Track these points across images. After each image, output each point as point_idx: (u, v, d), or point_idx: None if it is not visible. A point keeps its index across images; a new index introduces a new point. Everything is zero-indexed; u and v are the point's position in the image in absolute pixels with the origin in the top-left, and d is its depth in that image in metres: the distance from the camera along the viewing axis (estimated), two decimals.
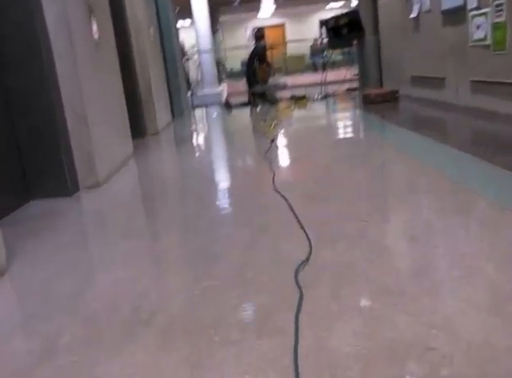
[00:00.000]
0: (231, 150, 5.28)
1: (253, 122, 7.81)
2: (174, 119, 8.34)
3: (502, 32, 4.65)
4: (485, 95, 5.17)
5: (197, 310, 1.74)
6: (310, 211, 2.70)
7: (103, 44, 4.32)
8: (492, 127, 4.67)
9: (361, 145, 4.49)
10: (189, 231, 2.62)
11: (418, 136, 4.44)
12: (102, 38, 4.31)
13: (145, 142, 6.09)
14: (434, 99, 6.52)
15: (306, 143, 4.82)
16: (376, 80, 8.86)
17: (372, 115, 6.32)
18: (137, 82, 6.30)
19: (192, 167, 4.41)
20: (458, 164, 3.43)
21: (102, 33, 4.35)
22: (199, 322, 1.65)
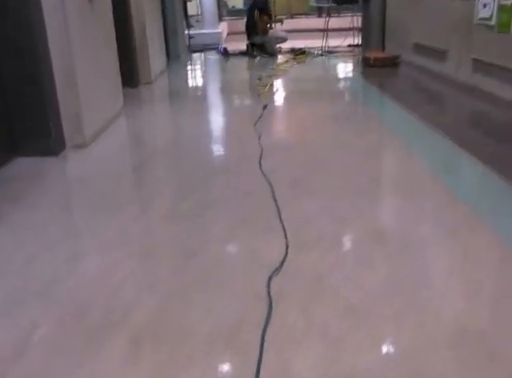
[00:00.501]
0: (223, 113, 5.18)
1: (249, 76, 7.70)
2: (169, 64, 8.17)
3: (507, 15, 4.54)
4: (484, 76, 5.10)
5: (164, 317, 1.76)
6: (293, 203, 2.70)
7: (97, 2, 4.18)
8: (486, 111, 4.64)
9: (352, 122, 4.44)
10: (166, 217, 2.62)
11: (409, 117, 4.39)
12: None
13: (137, 93, 5.99)
14: (435, 71, 6.43)
15: (297, 114, 4.76)
16: (379, 41, 8.69)
17: (369, 83, 6.24)
18: (131, 28, 6.13)
19: (180, 131, 4.37)
20: (446, 158, 3.42)
21: None
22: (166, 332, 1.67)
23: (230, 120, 4.69)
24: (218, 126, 4.52)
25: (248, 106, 5.16)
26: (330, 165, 3.31)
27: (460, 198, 2.68)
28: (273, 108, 4.95)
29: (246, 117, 4.61)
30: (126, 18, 5.99)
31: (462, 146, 3.49)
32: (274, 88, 6.05)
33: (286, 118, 4.60)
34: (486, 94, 5.00)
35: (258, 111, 4.73)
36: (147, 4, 6.46)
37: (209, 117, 4.92)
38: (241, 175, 3.17)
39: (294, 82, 6.76)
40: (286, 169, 3.25)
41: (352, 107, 4.95)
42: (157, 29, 7.20)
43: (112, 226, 2.47)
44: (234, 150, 3.72)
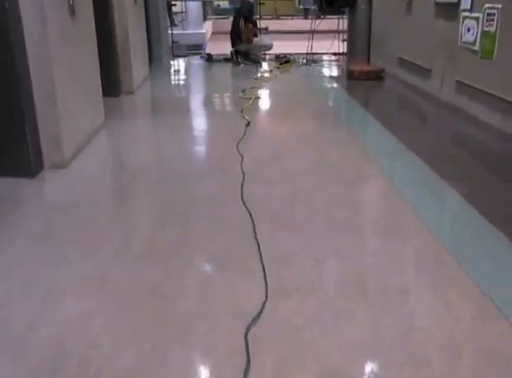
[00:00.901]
0: (205, 129, 5.12)
1: (233, 86, 7.65)
2: (151, 69, 8.09)
3: (490, 42, 4.55)
4: (467, 98, 5.12)
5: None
6: (274, 239, 2.67)
7: (79, 12, 4.10)
8: (468, 135, 4.66)
9: (336, 146, 4.42)
10: (145, 255, 2.58)
11: (393, 142, 4.39)
12: (79, 6, 4.10)
13: (118, 103, 5.91)
14: (419, 87, 6.44)
15: (280, 135, 4.69)
16: (364, 52, 8.69)
17: (353, 98, 6.24)
18: (114, 36, 6.04)
19: (161, 151, 4.31)
20: (429, 192, 3.41)
21: (79, 2, 4.13)
22: None
23: (212, 138, 4.65)
24: (200, 146, 4.46)
25: (231, 122, 5.11)
26: (312, 195, 3.29)
27: (441, 239, 2.67)
28: (256, 125, 4.92)
29: (229, 135, 4.56)
30: (108, 26, 5.90)
31: (444, 178, 3.49)
32: (258, 101, 6.01)
33: (268, 139, 4.56)
34: (469, 117, 5.02)
35: (241, 129, 4.70)
36: (131, 11, 6.38)
37: (191, 134, 4.85)
38: (222, 205, 3.13)
39: (278, 95, 6.73)
40: (267, 199, 3.22)
41: (336, 129, 4.91)
42: (140, 35, 7.12)
43: (89, 265, 2.42)
44: (217, 175, 3.68)
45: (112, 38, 6.00)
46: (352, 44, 8.86)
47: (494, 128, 4.57)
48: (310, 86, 7.10)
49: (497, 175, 3.75)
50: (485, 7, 4.66)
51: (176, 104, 6.02)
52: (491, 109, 4.64)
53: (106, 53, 5.77)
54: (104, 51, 5.64)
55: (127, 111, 5.71)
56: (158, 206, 3.14)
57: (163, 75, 8.20)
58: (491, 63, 4.56)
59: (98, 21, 5.20)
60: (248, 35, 8.79)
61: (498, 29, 4.43)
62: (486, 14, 4.64)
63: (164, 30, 9.69)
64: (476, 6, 4.85)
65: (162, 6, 9.65)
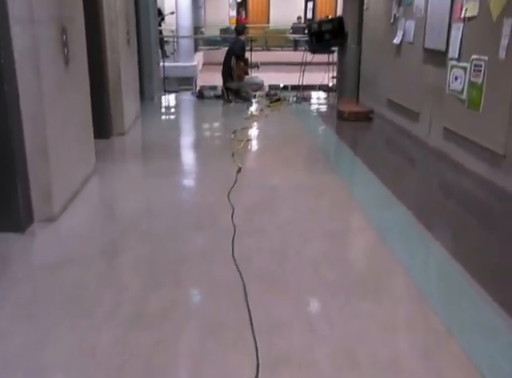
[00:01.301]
0: (196, 176, 5.10)
1: (224, 126, 7.70)
2: (142, 107, 8.12)
3: (477, 93, 4.63)
4: (455, 145, 5.18)
5: None
6: (265, 302, 2.67)
7: (73, 60, 4.14)
8: (455, 184, 4.71)
9: (324, 195, 4.44)
10: (134, 321, 2.57)
11: (381, 190, 4.43)
12: (73, 54, 4.14)
13: (109, 146, 5.93)
14: (407, 130, 6.52)
15: (270, 182, 4.67)
16: (353, 92, 8.81)
17: (342, 141, 6.30)
18: (106, 78, 6.09)
19: (151, 200, 4.31)
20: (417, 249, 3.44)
21: (74, 48, 4.17)
22: None
23: (203, 186, 4.65)
24: (190, 195, 4.45)
25: (222, 167, 5.13)
26: (302, 250, 3.31)
27: (430, 301, 2.69)
28: (247, 172, 4.94)
29: (221, 182, 4.59)
30: (101, 69, 5.94)
31: (431, 232, 3.54)
32: (249, 144, 6.05)
33: (259, 186, 4.57)
34: (456, 164, 5.08)
35: (232, 175, 4.73)
36: (124, 52, 6.43)
37: (182, 181, 4.85)
38: (212, 264, 3.14)
39: (268, 137, 6.77)
40: (257, 254, 3.24)
41: (325, 175, 4.92)
42: (132, 75, 7.17)
43: (77, 334, 2.41)
44: (208, 228, 3.68)
45: (104, 81, 6.04)
46: (342, 83, 8.98)
47: (481, 177, 4.63)
48: (300, 127, 7.16)
49: (483, 227, 3.80)
50: (472, 58, 4.74)
51: (167, 147, 6.03)
52: (478, 158, 4.70)
53: (97, 95, 5.81)
54: (96, 94, 5.67)
55: (118, 155, 5.72)
56: (148, 265, 3.13)
57: (154, 114, 8.23)
58: (478, 114, 4.63)
59: (90, 63, 5.23)
60: (239, 73, 8.88)
61: (485, 81, 4.51)
62: (473, 64, 4.73)
63: (156, 66, 9.76)
64: (464, 56, 4.95)
65: (155, 42, 9.74)
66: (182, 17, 17.21)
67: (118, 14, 6.10)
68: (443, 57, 5.38)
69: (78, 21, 4.40)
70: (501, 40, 4.26)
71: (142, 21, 8.82)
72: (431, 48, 5.73)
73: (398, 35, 6.77)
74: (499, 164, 4.36)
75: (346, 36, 8.75)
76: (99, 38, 5.86)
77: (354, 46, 8.76)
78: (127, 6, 6.74)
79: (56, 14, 3.80)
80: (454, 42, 5.14)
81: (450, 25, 5.25)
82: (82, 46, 4.51)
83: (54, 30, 3.75)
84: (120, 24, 6.24)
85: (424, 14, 5.90)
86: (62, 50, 3.92)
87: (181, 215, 3.90)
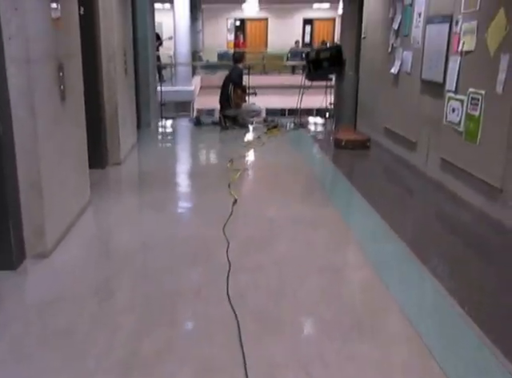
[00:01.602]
0: (192, 208, 5.04)
1: (221, 154, 7.68)
2: (139, 135, 8.12)
3: (475, 125, 4.63)
4: (452, 177, 5.16)
5: None
6: (259, 345, 2.63)
7: (70, 95, 4.14)
8: (453, 216, 4.67)
9: (321, 229, 4.38)
10: (128, 364, 2.52)
11: (378, 224, 4.40)
12: (70, 90, 4.14)
13: (105, 176, 5.91)
14: (405, 159, 6.51)
15: (266, 215, 4.62)
16: (350, 119, 8.82)
17: (339, 171, 6.27)
18: (103, 109, 6.09)
19: (146, 234, 4.26)
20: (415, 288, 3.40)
21: (71, 84, 4.17)
22: None
23: (199, 219, 4.60)
24: (186, 229, 4.38)
25: (218, 199, 5.09)
26: (298, 288, 3.27)
27: (427, 343, 2.64)
28: (243, 203, 4.91)
29: (216, 215, 4.56)
30: (97, 100, 5.95)
31: (428, 267, 3.52)
32: (245, 174, 6.03)
33: (254, 219, 4.52)
34: (453, 196, 5.06)
35: (227, 207, 4.71)
36: (121, 82, 6.44)
37: (177, 214, 4.79)
38: (207, 303, 3.10)
39: (265, 167, 6.74)
40: (253, 292, 3.20)
41: (321, 207, 4.86)
42: (129, 104, 7.17)
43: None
44: (203, 264, 3.63)
45: (101, 113, 6.04)
46: (339, 110, 9.00)
47: (478, 210, 4.60)
48: (297, 156, 7.13)
49: (480, 262, 3.77)
50: (469, 91, 4.75)
51: (162, 177, 6.00)
52: (475, 190, 4.68)
53: (94, 127, 5.83)
54: (92, 125, 5.70)
55: (113, 186, 5.69)
56: (142, 304, 3.08)
57: (151, 141, 8.20)
58: (475, 146, 4.62)
59: (87, 97, 5.25)
60: (237, 101, 8.90)
61: (482, 114, 4.50)
62: (470, 97, 4.73)
63: (153, 93, 9.78)
64: (461, 89, 4.95)
65: (152, 69, 9.77)
66: (180, 42, 17.33)
67: (115, 49, 6.11)
68: (440, 88, 5.39)
69: (76, 57, 4.41)
70: (498, 75, 4.26)
71: (140, 48, 8.86)
72: (428, 79, 5.74)
73: (395, 65, 6.79)
74: (496, 197, 4.33)
75: (343, 64, 8.78)
76: (97, 73, 5.88)
77: (352, 74, 8.80)
78: (125, 38, 6.77)
79: (53, 53, 3.80)
80: (451, 74, 5.16)
81: (448, 57, 5.26)
82: (78, 81, 4.51)
83: (50, 68, 3.74)
84: (117, 57, 6.25)
85: (421, 46, 5.92)
86: (59, 86, 3.91)
87: (175, 251, 3.86)
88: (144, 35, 8.90)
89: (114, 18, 6.05)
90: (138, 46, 8.65)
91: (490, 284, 3.40)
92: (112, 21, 6.00)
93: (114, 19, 6.03)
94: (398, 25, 6.71)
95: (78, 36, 4.48)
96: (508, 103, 4.15)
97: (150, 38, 9.26)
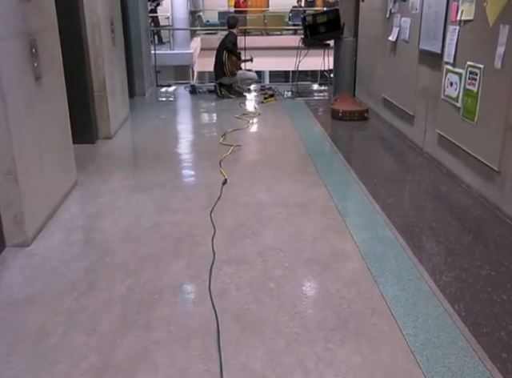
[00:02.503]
0: (180, 187, 4.84)
1: (214, 126, 7.50)
2: (133, 106, 7.94)
3: (473, 102, 4.43)
4: (449, 154, 4.99)
5: None
6: (238, 349, 2.54)
7: (46, 73, 3.95)
8: (450, 199, 4.53)
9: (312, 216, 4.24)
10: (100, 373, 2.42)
11: (371, 206, 4.27)
12: (46, 67, 3.95)
13: (93, 152, 5.77)
14: (403, 132, 6.33)
15: (256, 198, 4.45)
16: (350, 86, 8.57)
17: (335, 146, 6.09)
18: (89, 80, 5.87)
19: (131, 220, 4.14)
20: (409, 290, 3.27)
21: (46, 61, 3.98)
22: None
23: (186, 201, 4.45)
24: (172, 214, 4.14)
25: (208, 178, 4.96)
26: (282, 284, 3.15)
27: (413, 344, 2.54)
28: (233, 183, 4.77)
29: (205, 197, 4.45)
30: (83, 73, 5.75)
31: (421, 261, 3.40)
32: (237, 150, 5.86)
33: (244, 202, 4.38)
34: (451, 175, 4.91)
35: (217, 188, 4.60)
36: (108, 55, 6.21)
37: (164, 196, 4.56)
38: (187, 301, 3.01)
39: (258, 141, 6.55)
40: (236, 290, 3.09)
41: (314, 188, 4.66)
42: (119, 74, 6.92)
43: None
44: (186, 255, 3.51)
45: (87, 84, 5.85)
46: (338, 77, 8.73)
47: (476, 191, 4.45)
48: (292, 129, 6.89)
49: (474, 252, 3.61)
50: (467, 64, 4.53)
51: (152, 154, 5.84)
52: (472, 170, 4.52)
53: (80, 99, 5.69)
54: (78, 97, 5.58)
55: (101, 163, 5.50)
56: (119, 302, 2.96)
57: (144, 112, 7.98)
58: (473, 124, 4.43)
59: (72, 69, 5.15)
60: (231, 69, 8.65)
61: (481, 90, 4.30)
62: (468, 71, 4.52)
63: (147, 59, 9.53)
64: (459, 62, 4.73)
65: (145, 33, 9.49)
66: (177, 2, 16.85)
67: (100, 16, 5.87)
68: (439, 60, 5.17)
69: (51, 30, 4.19)
70: (497, 48, 4.04)
71: (130, 12, 8.59)
72: (426, 49, 5.50)
73: (393, 32, 6.54)
74: (494, 180, 4.17)
75: (341, 29, 8.48)
76: (81, 43, 5.67)
77: (350, 39, 8.51)
78: (111, 6, 6.50)
79: (21, 28, 3.58)
80: (449, 45, 4.92)
81: (446, 26, 5.01)
82: (56, 56, 4.30)
83: (19, 45, 3.53)
84: (103, 26, 6.02)
85: (419, 12, 5.66)
86: (32, 64, 3.72)
87: (160, 240, 3.73)
88: (134, 1, 8.61)
89: None
90: (128, 11, 8.39)
91: (482, 283, 3.23)
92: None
93: None
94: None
95: (52, 7, 4.22)
96: (507, 80, 3.94)
97: (141, 2, 8.95)
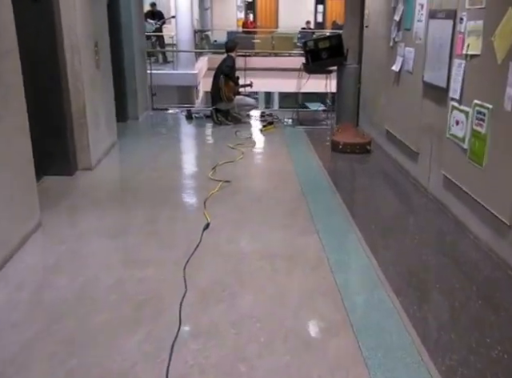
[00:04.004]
0: (156, 234, 4.30)
1: (205, 156, 7.08)
2: (123, 131, 7.54)
3: (480, 145, 3.97)
4: (455, 199, 4.52)
5: None
6: None
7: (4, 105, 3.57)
8: (456, 251, 4.04)
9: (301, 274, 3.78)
10: None
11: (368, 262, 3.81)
12: (3, 99, 3.56)
13: (69, 185, 5.35)
14: (406, 169, 5.86)
15: (239, 249, 4.04)
16: (353, 115, 8.13)
17: (334, 185, 5.62)
18: (67, 107, 5.48)
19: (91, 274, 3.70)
20: None
21: (3, 91, 3.59)
22: None
23: (159, 252, 3.99)
24: (140, 267, 3.66)
25: (188, 221, 4.52)
26: (257, 368, 2.67)
27: None
28: (215, 228, 4.33)
29: (181, 246, 4.01)
30: (59, 96, 5.37)
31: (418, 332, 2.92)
32: (226, 187, 5.42)
33: (223, 255, 3.91)
34: (457, 222, 4.45)
35: (196, 234, 4.16)
36: (90, 80, 5.81)
37: (136, 244, 4.10)
38: None
39: (250, 177, 6.02)
40: (199, 373, 2.61)
41: (305, 236, 4.21)
42: (104, 99, 6.48)
43: None
44: (146, 325, 3.02)
45: (64, 111, 5.46)
46: (340, 105, 8.29)
47: (485, 244, 3.97)
48: (289, 162, 6.40)
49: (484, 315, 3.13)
50: (474, 103, 4.08)
51: (133, 188, 5.42)
52: (481, 220, 4.04)
53: (57, 127, 5.33)
54: (55, 126, 5.29)
55: (74, 200, 5.05)
56: None
57: (134, 139, 7.55)
58: (481, 169, 3.96)
59: (48, 95, 5.13)
60: (228, 94, 8.23)
61: (489, 132, 3.84)
62: (475, 111, 4.06)
63: (142, 81, 9.14)
64: (465, 99, 4.28)
65: (140, 54, 9.11)
66: (181, 22, 16.49)
67: (80, 37, 5.47)
68: (444, 94, 4.72)
69: (10, 55, 3.78)
70: (506, 88, 3.59)
71: (124, 32, 8.23)
72: (431, 82, 5.05)
73: (397, 61, 6.10)
74: (504, 234, 3.69)
75: (345, 55, 8.06)
76: (57, 66, 5.29)
77: (353, 66, 8.09)
78: (95, 24, 6.08)
79: None
80: (454, 80, 4.48)
81: (451, 59, 4.57)
82: (16, 83, 3.90)
83: None
84: (84, 47, 5.62)
85: (424, 43, 5.22)
86: None
87: (120, 302, 3.27)
88: (128, 20, 8.25)
89: (77, 5, 5.39)
90: (121, 31, 8.03)
91: (493, 364, 2.76)
92: (74, 8, 5.34)
93: (76, 6, 5.36)
94: (400, 16, 5.99)
95: (10, 29, 3.81)
96: None
97: (135, 22, 8.58)
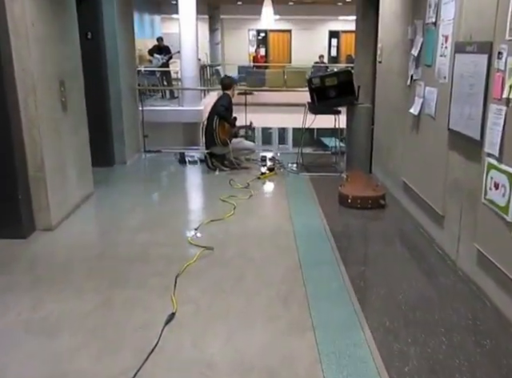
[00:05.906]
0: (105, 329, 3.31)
1: (191, 210, 6.11)
2: (106, 175, 6.67)
3: None
4: (493, 281, 3.48)
5: None
6: None
7: None
8: (495, 356, 2.98)
9: None
10: None
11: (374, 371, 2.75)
12: None
13: (16, 252, 4.43)
14: (429, 232, 4.82)
15: (212, 343, 3.10)
16: (365, 160, 7.12)
17: (338, 250, 4.59)
18: (20, 157, 4.60)
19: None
20: None
21: None
22: None
23: (99, 357, 3.00)
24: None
25: (148, 311, 3.52)
26: None
27: None
28: (180, 323, 3.33)
29: (130, 348, 3.02)
30: (10, 149, 4.51)
31: None
32: (206, 256, 4.43)
33: (182, 370, 2.90)
34: (497, 312, 3.39)
35: (155, 331, 3.20)
36: (52, 123, 4.91)
37: (71, 344, 3.12)
38: None
39: (237, 243, 4.75)
40: None
41: (295, 339, 3.15)
42: (73, 147, 5.56)
43: None
44: None
45: (15, 166, 4.60)
46: (351, 151, 7.31)
47: None
48: (288, 220, 5.37)
49: None
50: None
51: (94, 257, 4.44)
52: None
53: (5, 185, 4.44)
54: (2, 183, 4.33)
55: (13, 272, 4.12)
56: None
57: (114, 190, 6.61)
58: None
59: None
60: (223, 137, 7.27)
61: None
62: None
63: (131, 123, 8.27)
64: (508, 156, 3.28)
65: (130, 93, 8.25)
66: (186, 58, 15.76)
67: (36, 78, 4.58)
68: (477, 148, 3.72)
69: None
70: None
71: (110, 69, 7.39)
72: (459, 131, 4.05)
73: (416, 103, 5.12)
74: None
75: (356, 93, 7.12)
76: (5, 112, 4.39)
77: (365, 106, 7.13)
78: (60, 62, 5.19)
79: None
80: (491, 130, 3.48)
81: (486, 104, 3.58)
82: None
83: None
84: (42, 89, 4.73)
85: (449, 82, 4.24)
86: None
87: None
88: (114, 54, 7.40)
89: (31, 44, 4.51)
90: (105, 68, 7.21)
91: None
92: (27, 46, 4.46)
93: (30, 44, 4.48)
94: (419, 50, 5.03)
95: None
96: None
97: (124, 58, 7.73)
